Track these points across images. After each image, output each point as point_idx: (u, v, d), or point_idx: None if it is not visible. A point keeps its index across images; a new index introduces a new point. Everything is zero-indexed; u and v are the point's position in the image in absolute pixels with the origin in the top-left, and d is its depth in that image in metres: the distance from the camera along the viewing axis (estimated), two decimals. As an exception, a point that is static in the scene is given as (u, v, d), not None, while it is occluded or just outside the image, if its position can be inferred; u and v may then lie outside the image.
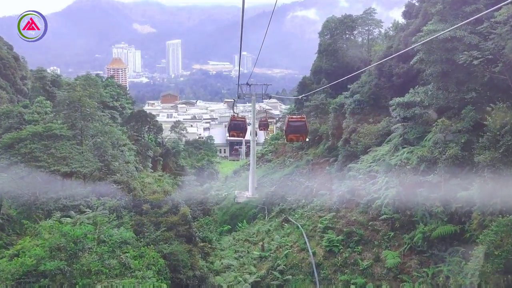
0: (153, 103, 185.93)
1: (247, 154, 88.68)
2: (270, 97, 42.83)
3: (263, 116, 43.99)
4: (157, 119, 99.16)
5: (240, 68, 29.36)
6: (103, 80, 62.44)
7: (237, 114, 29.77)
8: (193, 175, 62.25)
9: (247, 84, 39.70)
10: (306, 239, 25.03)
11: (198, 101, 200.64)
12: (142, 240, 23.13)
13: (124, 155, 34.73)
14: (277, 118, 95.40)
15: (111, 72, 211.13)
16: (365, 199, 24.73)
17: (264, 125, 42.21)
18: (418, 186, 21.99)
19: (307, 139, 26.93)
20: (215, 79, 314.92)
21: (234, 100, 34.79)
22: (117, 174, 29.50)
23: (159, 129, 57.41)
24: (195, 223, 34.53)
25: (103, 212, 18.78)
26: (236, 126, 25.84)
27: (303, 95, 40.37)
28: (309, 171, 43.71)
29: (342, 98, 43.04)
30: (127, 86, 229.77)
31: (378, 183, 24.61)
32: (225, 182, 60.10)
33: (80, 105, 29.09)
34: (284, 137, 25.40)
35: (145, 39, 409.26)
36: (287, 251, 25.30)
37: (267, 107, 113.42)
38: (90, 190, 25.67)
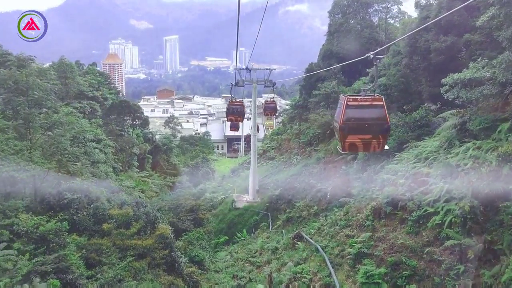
0: (149, 99, 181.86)
1: (247, 151, 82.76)
2: (274, 84, 36.31)
3: (269, 99, 37.65)
4: (153, 114, 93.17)
5: (238, 63, 26.30)
6: (84, 67, 55.18)
7: (235, 98, 27.05)
8: (186, 174, 56.63)
9: (247, 69, 33.68)
10: (332, 271, 17.70)
11: (196, 96, 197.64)
12: (99, 276, 16.06)
13: (93, 152, 27.64)
14: (277, 114, 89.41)
15: (107, 68, 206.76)
16: (414, 215, 17.49)
17: (271, 109, 35.64)
18: (501, 197, 14.88)
19: (386, 147, 11.99)
20: (213, 75, 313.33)
21: (232, 85, 29.92)
22: (77, 179, 22.34)
23: (145, 122, 50.49)
24: (183, 238, 27.89)
25: (5, 255, 11.50)
26: (234, 110, 25.12)
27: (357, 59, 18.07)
28: (320, 171, 37.08)
29: (360, 84, 37.00)
30: (123, 81, 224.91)
31: (434, 192, 17.40)
32: (221, 182, 53.36)
33: (26, 87, 21.85)
34: (338, 140, 11.88)
35: (142, 35, 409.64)
36: (306, 286, 18.08)
37: (267, 99, 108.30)
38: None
